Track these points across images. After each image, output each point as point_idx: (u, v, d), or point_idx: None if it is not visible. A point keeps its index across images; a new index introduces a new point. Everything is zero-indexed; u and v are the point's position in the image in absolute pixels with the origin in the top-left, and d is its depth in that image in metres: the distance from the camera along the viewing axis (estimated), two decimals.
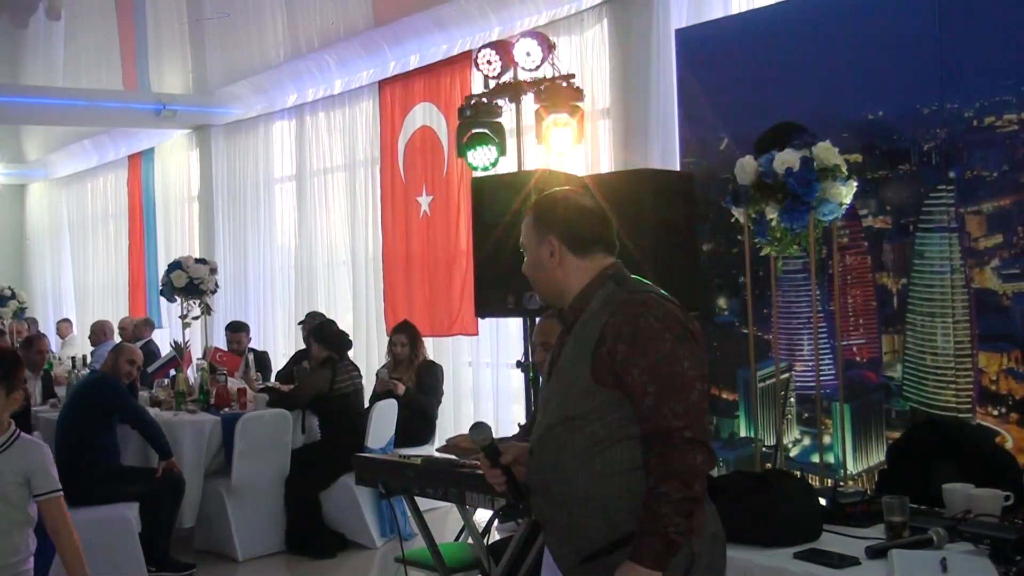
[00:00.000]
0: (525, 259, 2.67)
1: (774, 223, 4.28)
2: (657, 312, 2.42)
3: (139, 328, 10.31)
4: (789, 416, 5.10)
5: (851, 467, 4.89)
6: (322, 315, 8.47)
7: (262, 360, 8.80)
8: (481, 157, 6.24)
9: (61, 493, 3.54)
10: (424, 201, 8.61)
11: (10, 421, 3.55)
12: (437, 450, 4.50)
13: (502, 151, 6.24)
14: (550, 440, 2.50)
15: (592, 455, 2.41)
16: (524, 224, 2.67)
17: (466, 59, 8.02)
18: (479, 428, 2.62)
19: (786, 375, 4.93)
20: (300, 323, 8.85)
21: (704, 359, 2.46)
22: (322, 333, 7.09)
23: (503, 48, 6.19)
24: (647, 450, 2.38)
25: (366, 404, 7.14)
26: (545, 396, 2.61)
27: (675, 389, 2.36)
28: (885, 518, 3.04)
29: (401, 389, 7.22)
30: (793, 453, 5.17)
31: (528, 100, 6.22)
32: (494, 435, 2.64)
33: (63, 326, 13.56)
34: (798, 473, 4.70)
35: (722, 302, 5.53)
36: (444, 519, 6.60)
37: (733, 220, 4.60)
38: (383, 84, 9.17)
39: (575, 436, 2.43)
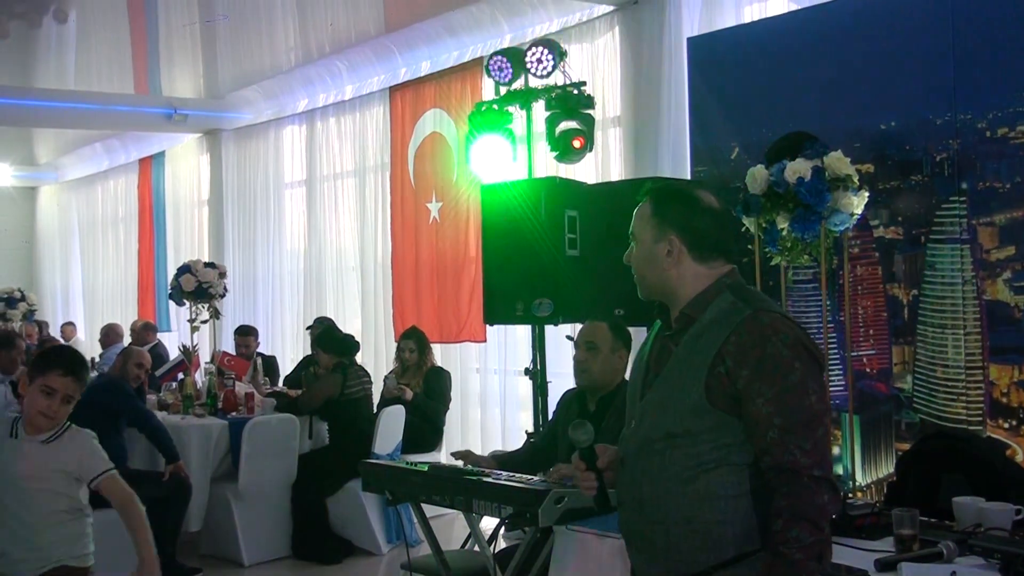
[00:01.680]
0: (633, 249, 2.47)
1: (785, 233, 4.26)
2: (786, 337, 2.25)
3: (141, 334, 10.31)
4: None
5: (860, 479, 4.87)
6: (330, 320, 8.47)
7: (270, 364, 8.81)
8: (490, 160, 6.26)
9: (114, 471, 3.60)
10: (434, 207, 8.61)
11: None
12: (451, 453, 4.49)
13: (512, 157, 6.25)
14: (649, 455, 2.35)
15: (694, 476, 2.27)
16: (639, 213, 2.46)
17: (477, 66, 8.02)
18: (583, 428, 2.45)
19: None
20: (308, 328, 8.85)
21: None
22: (327, 341, 7.09)
23: (514, 55, 6.19)
24: (755, 476, 2.26)
25: (374, 410, 7.13)
26: (642, 406, 2.43)
27: (803, 424, 2.21)
28: (895, 531, 3.01)
29: (409, 395, 7.21)
30: None
31: (539, 107, 6.21)
32: (502, 444, 2.62)
33: (67, 329, 13.59)
34: None
35: None
36: (450, 526, 6.59)
37: (744, 229, 4.59)
38: (394, 90, 9.18)
39: (677, 454, 2.30)
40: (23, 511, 3.54)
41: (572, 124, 5.96)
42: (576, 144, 5.89)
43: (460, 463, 4.28)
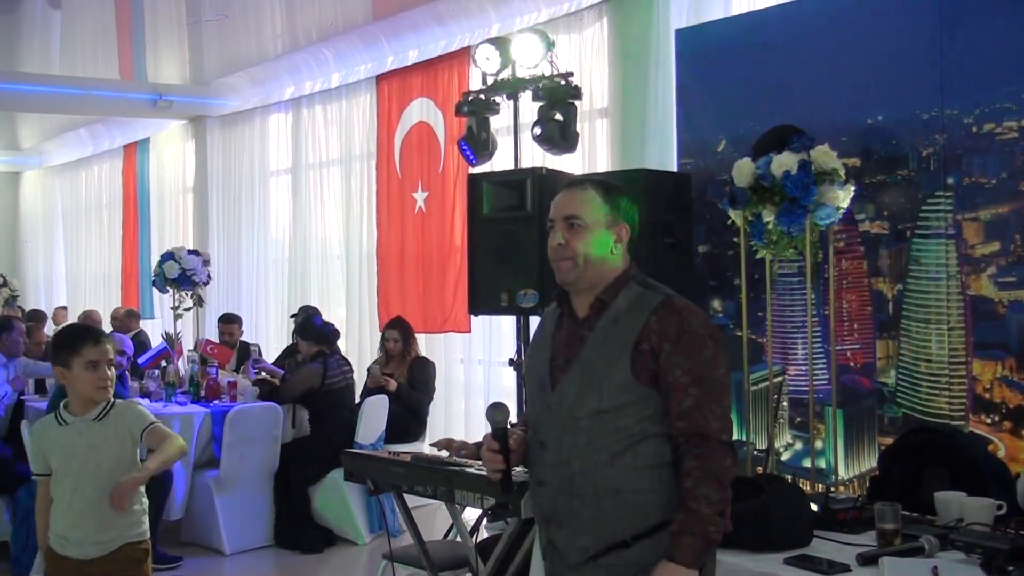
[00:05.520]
0: (579, 234, 2.59)
1: (770, 226, 4.25)
2: (699, 318, 2.51)
3: (124, 321, 10.24)
4: (781, 420, 5.09)
5: (843, 473, 4.88)
6: (315, 309, 8.43)
7: (244, 352, 8.65)
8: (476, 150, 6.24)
9: (156, 423, 3.64)
10: (419, 197, 8.59)
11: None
12: (431, 444, 4.47)
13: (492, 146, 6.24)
14: (575, 432, 2.50)
15: (624, 449, 2.45)
16: (587, 198, 2.62)
17: (464, 55, 8.00)
18: (499, 408, 2.60)
19: (779, 379, 4.92)
20: (292, 316, 8.80)
21: None
22: (306, 330, 7.06)
23: (502, 45, 6.16)
24: (676, 448, 2.45)
25: (357, 399, 7.11)
26: (561, 389, 2.55)
27: (714, 393, 2.44)
28: (877, 525, 3.02)
29: (392, 385, 7.20)
30: (785, 457, 5.16)
31: (526, 97, 6.18)
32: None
33: (60, 313, 13.51)
34: (789, 478, 4.69)
35: (717, 304, 5.51)
36: (432, 516, 6.58)
37: (729, 222, 4.58)
38: (381, 79, 9.14)
39: (606, 429, 2.47)
40: (83, 492, 3.52)
41: (559, 115, 5.94)
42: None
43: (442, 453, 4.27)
